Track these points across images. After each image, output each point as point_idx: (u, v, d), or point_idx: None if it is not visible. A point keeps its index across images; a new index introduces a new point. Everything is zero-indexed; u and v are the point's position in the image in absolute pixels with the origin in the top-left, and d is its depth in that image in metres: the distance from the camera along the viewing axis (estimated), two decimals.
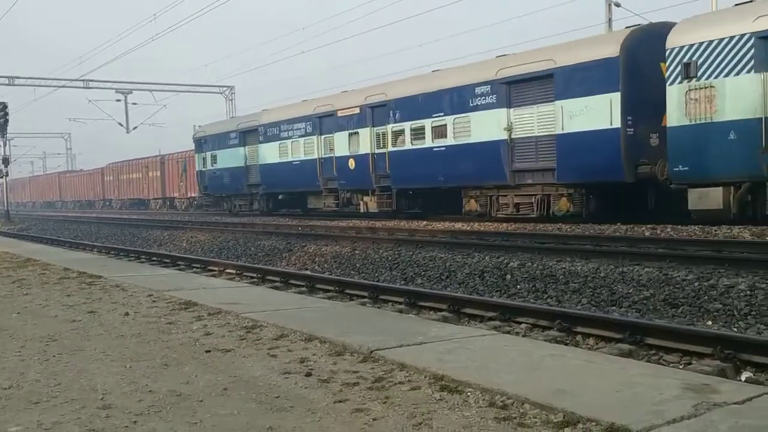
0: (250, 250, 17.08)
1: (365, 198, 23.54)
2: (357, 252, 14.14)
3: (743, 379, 5.44)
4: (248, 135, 29.78)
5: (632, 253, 10.77)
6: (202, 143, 33.66)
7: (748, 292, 7.71)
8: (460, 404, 3.46)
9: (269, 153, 27.89)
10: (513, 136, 17.82)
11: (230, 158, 31.06)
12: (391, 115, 21.59)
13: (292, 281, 11.40)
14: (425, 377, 3.92)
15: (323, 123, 24.78)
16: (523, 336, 7.01)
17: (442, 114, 19.73)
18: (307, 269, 13.70)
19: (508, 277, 10.42)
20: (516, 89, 17.76)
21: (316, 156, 25.22)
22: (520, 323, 7.56)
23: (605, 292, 8.91)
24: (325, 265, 13.81)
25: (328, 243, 15.94)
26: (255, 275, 12.35)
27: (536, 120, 17.31)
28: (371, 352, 4.52)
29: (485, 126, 18.40)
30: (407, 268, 12.24)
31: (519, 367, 4.07)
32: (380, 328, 5.42)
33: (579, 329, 7.01)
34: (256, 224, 23.83)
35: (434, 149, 20.10)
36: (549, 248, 12.05)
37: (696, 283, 8.33)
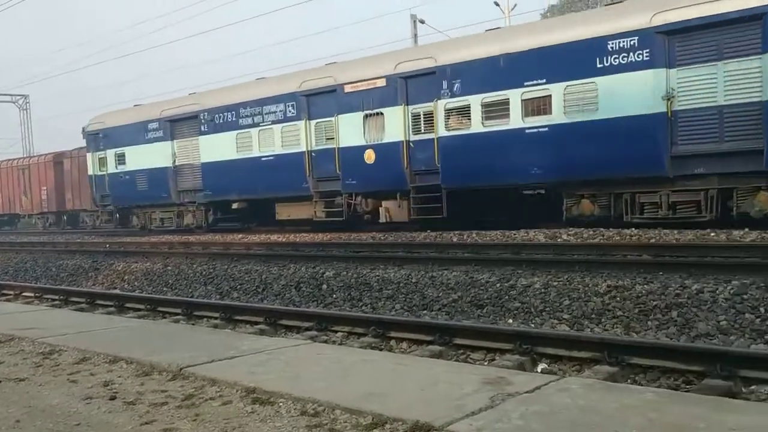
0: (51, 270, 15.88)
1: (387, 203, 18.05)
2: (170, 268, 13.63)
3: (539, 370, 5.88)
4: (179, 125, 22.79)
5: (441, 258, 11.31)
6: (98, 139, 25.54)
7: (543, 291, 8.36)
8: (272, 415, 3.45)
9: (218, 147, 21.05)
10: (676, 108, 12.89)
11: (149, 156, 23.53)
12: (445, 86, 16.00)
13: (99, 302, 10.75)
14: (237, 391, 3.87)
15: (314, 103, 18.70)
16: (339, 344, 7.13)
17: (544, 81, 14.41)
18: (115, 288, 12.99)
19: (324, 286, 10.52)
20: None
21: (303, 148, 18.90)
22: (336, 332, 7.68)
23: (417, 296, 9.26)
24: (136, 283, 13.18)
25: (138, 260, 15.22)
26: (57, 297, 11.51)
27: (723, 82, 12.49)
28: (181, 369, 4.38)
29: (624, 94, 13.31)
30: (222, 282, 11.99)
31: (331, 375, 4.13)
32: (192, 345, 5.26)
33: (393, 334, 7.22)
34: (57, 243, 22.20)
35: (527, 131, 14.71)
36: (363, 257, 12.32)
37: (498, 285, 8.89)
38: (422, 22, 25.12)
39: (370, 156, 17.60)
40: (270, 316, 8.33)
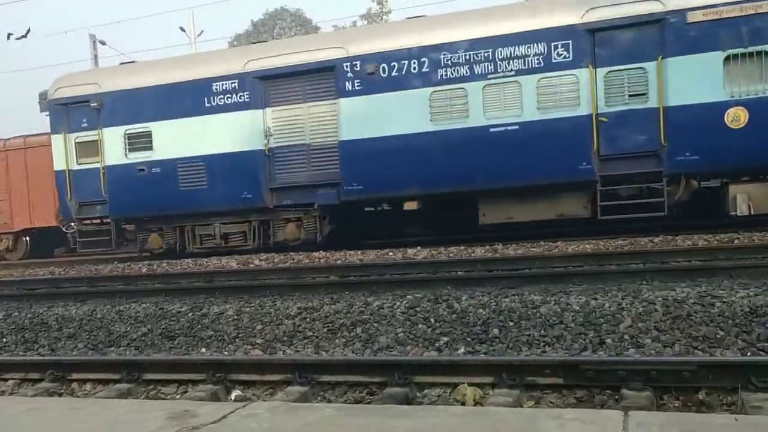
0: None
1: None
2: None
3: (233, 397, 5.84)
4: (284, 83, 14.83)
5: (129, 290, 10.73)
6: (84, 112, 16.29)
7: (236, 317, 8.34)
8: None
9: (382, 115, 13.96)
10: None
11: (213, 135, 15.24)
12: None
13: None
14: None
15: (607, 42, 12.86)
16: (9, 394, 6.37)
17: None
18: None
19: None
20: None
21: (586, 111, 12.87)
22: (7, 380, 6.85)
23: (103, 333, 8.65)
24: None
25: None
26: None
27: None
28: None
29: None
30: None
31: None
32: None
33: (74, 376, 6.64)
34: None
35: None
36: (41, 294, 11.23)
37: (190, 314, 8.67)
38: (102, 43, 23.84)
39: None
40: None
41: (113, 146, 16.02)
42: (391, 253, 12.68)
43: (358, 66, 14.11)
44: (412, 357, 6.21)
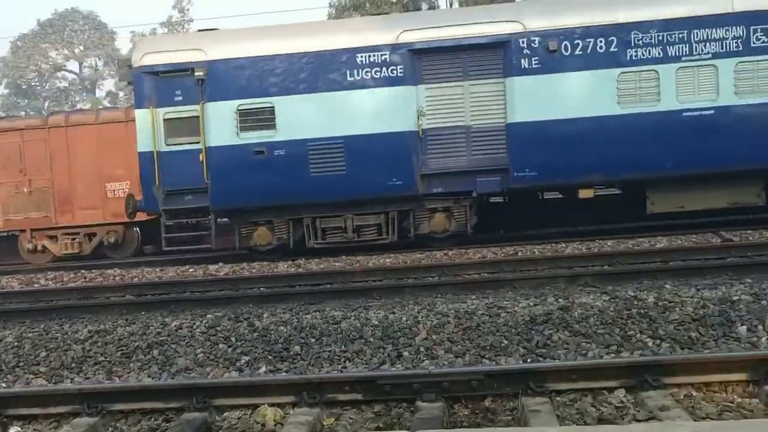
0: None
1: None
2: None
3: None
4: (443, 58, 13.16)
5: None
6: (183, 85, 13.43)
7: (17, 344, 7.67)
8: None
9: (560, 96, 12.94)
10: None
11: (353, 113, 13.21)
12: None
13: None
14: None
15: None
16: None
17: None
18: None
19: None
20: None
21: None
22: None
23: None
24: None
25: None
26: None
27: None
28: None
29: None
30: None
31: None
32: None
33: None
34: None
35: None
36: None
37: None
38: None
39: None
40: None
41: (221, 124, 13.45)
42: (192, 270, 12.33)
43: (536, 42, 12.91)
44: (211, 379, 6.06)
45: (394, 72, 13.20)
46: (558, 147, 12.82)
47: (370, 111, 13.30)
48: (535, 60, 12.93)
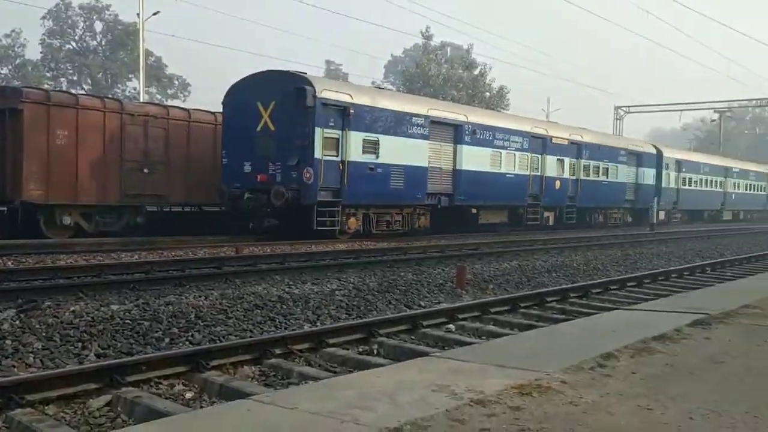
0: None
1: None
2: None
3: None
4: None
5: None
6: (337, 115, 19.52)
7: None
8: None
9: None
10: None
11: None
12: None
13: None
14: None
15: None
16: None
17: None
18: None
19: None
20: None
21: None
22: None
23: None
24: None
25: None
26: None
27: None
28: None
29: None
30: None
31: None
32: None
33: None
34: None
35: None
36: None
37: None
38: None
39: None
40: None
41: (353, 146, 19.62)
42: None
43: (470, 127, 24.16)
44: None
45: (424, 130, 21.73)
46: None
47: (412, 151, 21.14)
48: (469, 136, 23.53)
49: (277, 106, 18.72)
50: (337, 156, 18.92)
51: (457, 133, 22.88)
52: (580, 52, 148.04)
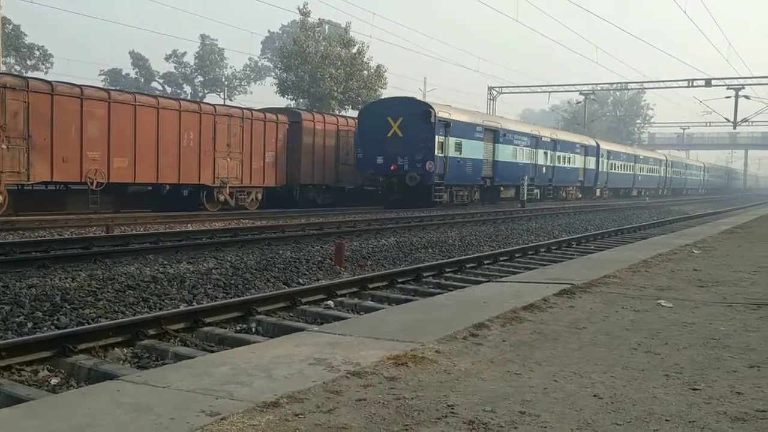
0: None
1: None
2: None
3: None
4: None
5: None
6: (444, 126, 30.78)
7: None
8: None
9: None
10: None
11: None
12: None
13: None
14: None
15: None
16: None
17: None
18: None
19: None
20: None
21: None
22: None
23: None
24: None
25: None
26: None
27: None
28: None
29: None
30: None
31: None
32: None
33: None
34: None
35: None
36: None
37: None
38: None
39: None
40: None
41: (451, 147, 29.38)
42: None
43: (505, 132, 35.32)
44: None
45: (480, 134, 32.05)
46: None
47: (476, 149, 31.47)
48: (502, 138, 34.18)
49: (404, 120, 28.01)
50: (442, 153, 28.70)
51: (495, 135, 33.33)
52: (459, 36, 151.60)
